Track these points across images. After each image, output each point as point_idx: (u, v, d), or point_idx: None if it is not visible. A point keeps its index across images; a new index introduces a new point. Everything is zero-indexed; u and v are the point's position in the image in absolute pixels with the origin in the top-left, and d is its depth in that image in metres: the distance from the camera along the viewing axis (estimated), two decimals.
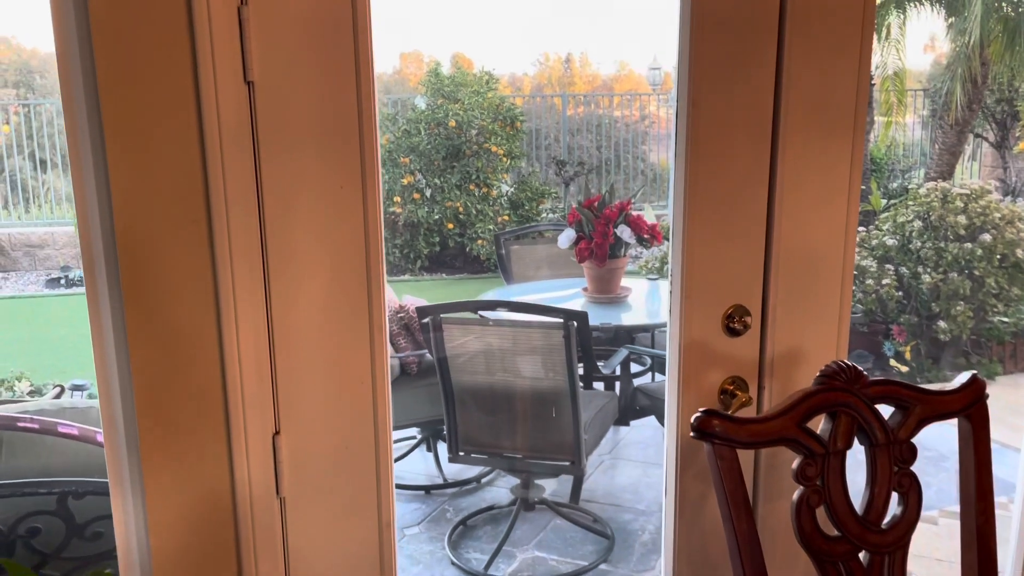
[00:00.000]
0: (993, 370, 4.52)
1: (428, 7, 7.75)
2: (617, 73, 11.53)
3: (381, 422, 1.42)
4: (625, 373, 3.28)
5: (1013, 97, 6.87)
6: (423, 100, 7.51)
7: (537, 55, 11.36)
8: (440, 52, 9.59)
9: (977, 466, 1.28)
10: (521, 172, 8.14)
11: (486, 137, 7.38)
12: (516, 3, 7.35)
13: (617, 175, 8.87)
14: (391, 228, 7.20)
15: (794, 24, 1.44)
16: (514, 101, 8.20)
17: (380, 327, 1.39)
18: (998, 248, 4.43)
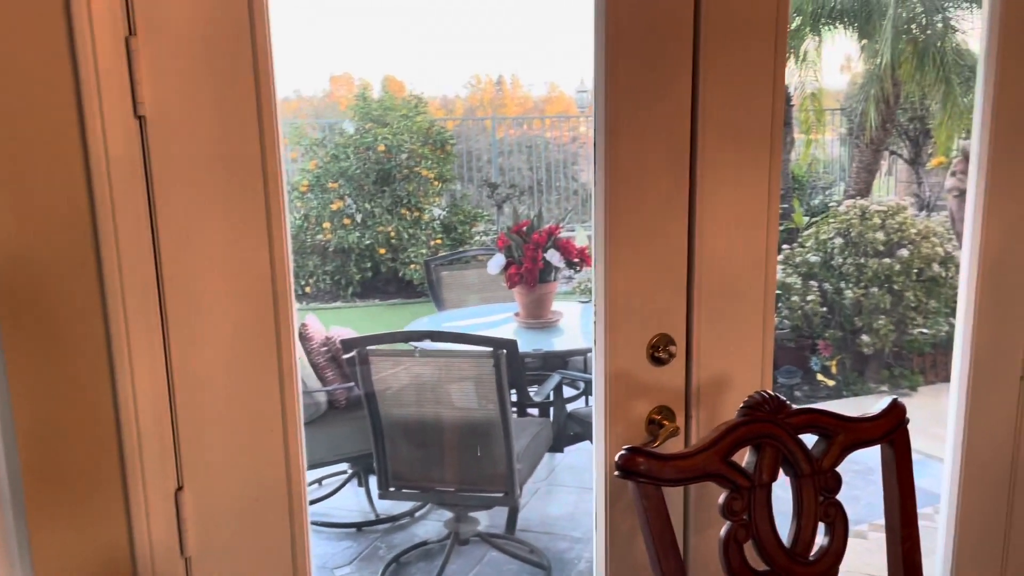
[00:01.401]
0: (915, 381, 4.64)
1: (358, 29, 7.68)
2: (548, 95, 11.63)
3: (295, 472, 1.34)
4: (558, 399, 3.25)
5: (924, 115, 7.14)
6: (351, 124, 7.42)
7: (469, 77, 11.39)
8: (371, 75, 9.51)
9: (901, 492, 1.27)
10: (454, 195, 8.11)
11: (416, 161, 7.33)
12: (447, 25, 7.36)
13: (550, 196, 8.91)
14: (321, 255, 7.07)
15: (707, 53, 1.43)
16: (444, 124, 8.18)
17: (290, 370, 1.32)
18: (915, 263, 4.57)
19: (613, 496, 1.53)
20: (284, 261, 1.30)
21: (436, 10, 7.60)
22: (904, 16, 5.76)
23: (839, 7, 5.95)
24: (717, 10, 1.42)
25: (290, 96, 9.06)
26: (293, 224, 7.01)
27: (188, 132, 1.21)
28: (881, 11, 5.76)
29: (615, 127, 1.42)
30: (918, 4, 5.79)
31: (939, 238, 4.70)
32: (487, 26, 7.70)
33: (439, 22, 7.36)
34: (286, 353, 1.32)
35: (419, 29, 7.52)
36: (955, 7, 5.79)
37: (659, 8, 1.40)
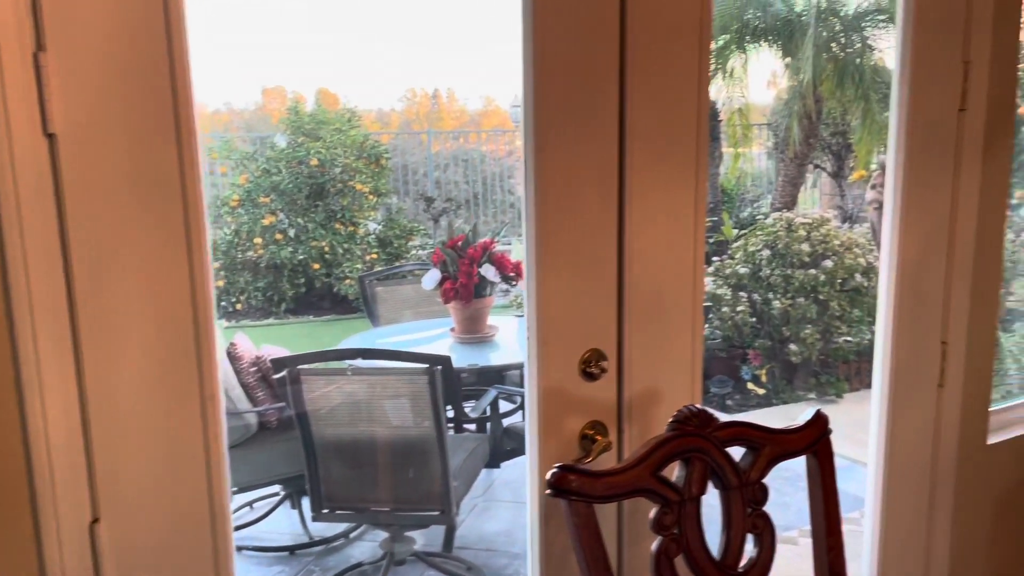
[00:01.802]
0: (841, 388, 4.79)
1: (292, 42, 7.57)
2: (484, 108, 11.66)
3: (218, 499, 1.30)
4: (495, 414, 3.24)
5: (846, 130, 7.39)
6: (283, 138, 7.31)
7: (404, 91, 11.34)
8: (304, 88, 9.37)
9: (825, 501, 1.30)
10: (389, 209, 8.05)
11: (351, 175, 7.25)
12: (381, 38, 7.31)
13: (486, 209, 8.92)
14: (252, 271, 6.92)
15: (634, 70, 1.45)
16: (379, 138, 8.12)
17: (213, 394, 1.28)
18: (839, 273, 4.72)
19: (547, 513, 1.53)
20: (205, 280, 1.26)
21: (371, 23, 7.55)
22: (825, 35, 5.98)
23: (763, 26, 6.14)
24: (643, 29, 1.45)
25: (220, 109, 8.87)
26: (223, 240, 6.84)
27: (102, 149, 1.16)
28: (802, 30, 5.96)
29: (544, 143, 1.43)
30: (837, 23, 6.02)
31: (861, 249, 4.86)
32: (423, 39, 7.67)
33: (374, 35, 7.31)
34: (208, 376, 1.27)
35: (354, 42, 7.46)
36: (872, 27, 6.04)
37: (586, 26, 1.41)
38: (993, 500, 2.14)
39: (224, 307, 6.93)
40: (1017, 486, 2.17)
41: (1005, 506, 2.16)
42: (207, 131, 8.58)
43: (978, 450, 2.07)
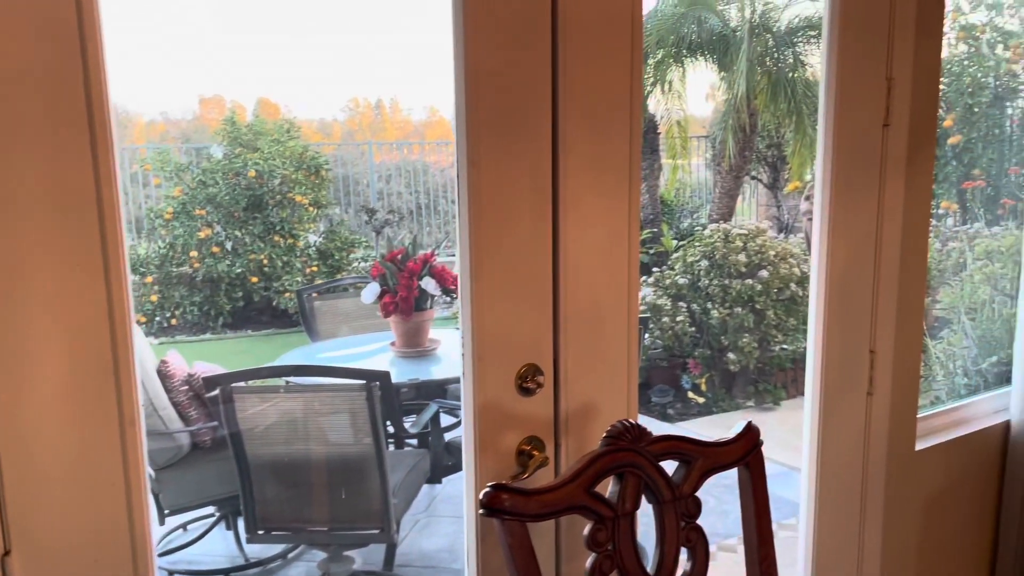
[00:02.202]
0: (778, 396, 4.88)
1: (230, 49, 7.43)
2: (428, 119, 11.61)
3: (139, 528, 1.25)
4: (436, 428, 3.20)
5: (780, 143, 7.58)
6: (220, 149, 7.16)
7: (347, 100, 11.22)
8: (244, 97, 9.18)
9: (757, 513, 1.31)
10: (331, 221, 7.94)
11: (290, 187, 7.14)
12: (323, 47, 7.21)
13: (430, 220, 8.88)
14: (188, 285, 6.75)
15: (567, 84, 1.45)
16: (320, 149, 8.02)
17: (132, 419, 1.23)
18: (775, 283, 4.82)
19: (484, 530, 1.51)
20: (123, 298, 1.21)
21: (314, 31, 7.45)
22: (758, 50, 6.12)
23: (699, 40, 6.27)
24: (575, 43, 1.45)
25: (156, 119, 8.65)
26: (157, 253, 6.67)
27: (9, 170, 1.11)
28: (737, 45, 6.10)
29: (476, 158, 1.42)
30: (770, 39, 6.17)
31: (796, 259, 4.98)
32: (367, 49, 7.60)
33: (316, 43, 7.21)
34: (127, 400, 1.22)
35: (295, 50, 7.34)
36: (804, 42, 6.21)
37: (518, 40, 1.41)
38: (922, 504, 2.19)
39: (159, 322, 6.74)
40: (944, 490, 2.23)
41: (933, 510, 2.22)
42: (142, 141, 8.35)
43: (907, 456, 2.12)
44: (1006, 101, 4.04)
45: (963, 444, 2.25)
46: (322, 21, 7.27)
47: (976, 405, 2.39)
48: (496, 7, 1.38)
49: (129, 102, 7.99)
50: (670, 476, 1.28)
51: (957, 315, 3.50)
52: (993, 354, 3.19)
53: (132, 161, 7.37)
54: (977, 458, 2.30)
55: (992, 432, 2.31)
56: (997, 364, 3.07)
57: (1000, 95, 4.02)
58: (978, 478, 2.32)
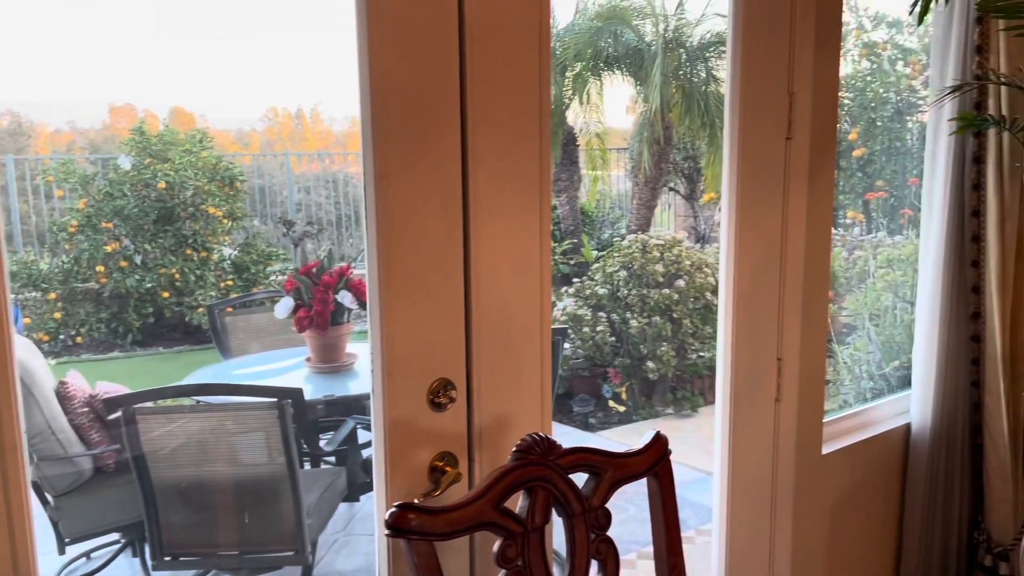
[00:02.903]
0: (696, 403, 4.98)
1: (143, 56, 7.15)
2: (350, 129, 11.45)
3: (24, 567, 1.17)
4: (353, 445, 3.14)
5: (696, 154, 7.77)
6: (128, 160, 6.89)
7: (266, 110, 10.96)
8: (157, 106, 8.87)
9: (666, 523, 1.32)
10: (248, 233, 7.74)
11: (203, 198, 6.92)
12: (241, 54, 7.02)
13: (352, 232, 8.75)
14: (95, 301, 6.47)
15: (475, 96, 1.45)
16: (233, 160, 7.81)
17: (14, 447, 1.15)
18: (691, 292, 4.93)
19: (395, 551, 1.48)
20: (4, 331, 1.13)
21: (231, 38, 7.26)
22: (672, 64, 6.27)
23: (615, 54, 6.37)
24: (483, 54, 1.44)
25: (62, 128, 8.29)
26: (60, 269, 6.37)
27: None
28: (651, 59, 6.23)
29: (385, 171, 1.40)
30: (684, 53, 6.33)
31: (711, 268, 5.09)
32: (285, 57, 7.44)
33: (234, 50, 7.02)
34: (7, 424, 1.15)
35: (212, 57, 7.14)
36: (715, 57, 6.39)
37: (425, 52, 1.39)
38: (829, 507, 2.26)
39: (63, 340, 6.44)
40: (850, 492, 2.31)
41: (840, 512, 2.28)
42: (46, 152, 7.99)
43: (814, 460, 2.18)
44: (906, 115, 4.23)
45: (867, 447, 2.33)
46: (240, 27, 7.09)
47: (879, 409, 2.48)
48: (402, 19, 1.36)
49: (32, 111, 7.62)
50: (580, 488, 1.28)
51: (862, 321, 3.64)
52: (895, 358, 3.33)
53: (34, 172, 7.03)
54: (880, 460, 2.39)
55: (894, 435, 2.40)
56: (899, 368, 3.20)
57: (901, 109, 4.21)
58: (882, 479, 2.41)
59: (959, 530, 2.43)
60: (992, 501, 2.37)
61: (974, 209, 2.27)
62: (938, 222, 2.30)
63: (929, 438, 2.35)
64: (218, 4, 5.37)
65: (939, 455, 2.36)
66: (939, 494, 2.39)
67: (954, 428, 2.36)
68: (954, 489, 2.40)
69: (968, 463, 2.42)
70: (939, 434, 2.35)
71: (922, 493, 2.38)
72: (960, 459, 2.39)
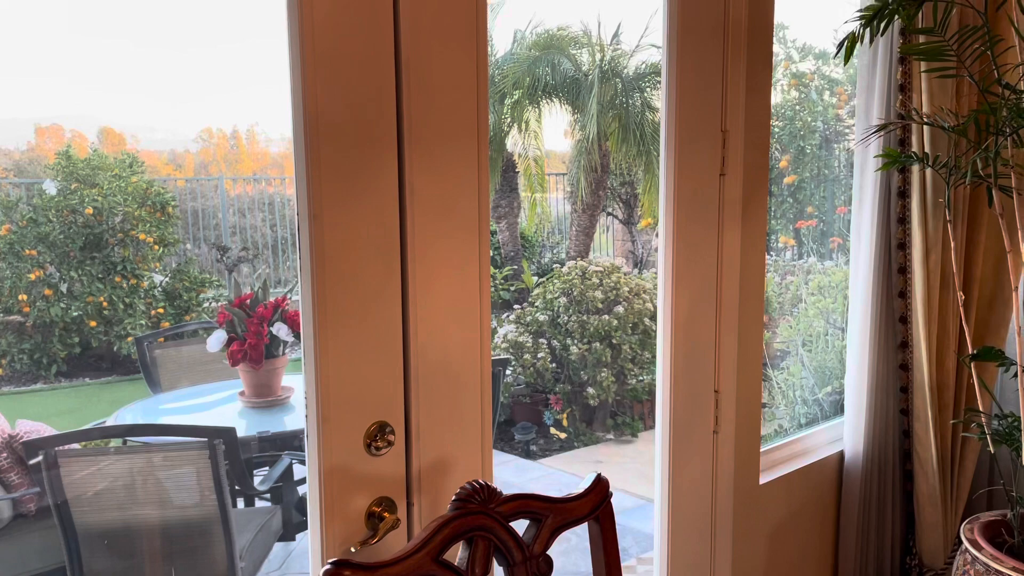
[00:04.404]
0: (636, 428, 5.01)
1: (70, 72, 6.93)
2: (288, 151, 11.27)
3: None
4: (288, 482, 3.05)
5: (633, 180, 7.89)
6: (53, 185, 6.65)
7: (200, 131, 10.73)
8: (86, 126, 8.58)
9: (608, 566, 1.31)
10: (180, 259, 7.52)
11: (132, 224, 6.71)
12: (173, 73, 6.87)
13: (292, 255, 8.59)
14: (16, 332, 6.19)
15: (412, 131, 1.43)
16: (166, 184, 7.60)
17: None
18: (630, 318, 4.97)
19: None
20: None
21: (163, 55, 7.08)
22: (608, 94, 6.37)
23: (552, 83, 6.45)
24: (418, 87, 1.43)
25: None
26: None
27: None
28: (588, 88, 6.32)
29: (319, 211, 1.37)
30: (620, 83, 6.43)
31: (648, 294, 5.15)
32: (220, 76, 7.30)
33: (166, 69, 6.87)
34: None
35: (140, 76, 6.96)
36: (651, 87, 6.52)
37: (360, 89, 1.37)
38: (767, 535, 2.28)
39: None
40: (787, 520, 2.34)
41: (777, 539, 2.31)
42: None
43: (752, 490, 2.20)
44: (833, 143, 4.37)
45: (803, 475, 2.37)
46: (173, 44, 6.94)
47: (814, 436, 2.52)
48: (336, 56, 1.34)
49: None
50: (520, 536, 1.26)
51: (795, 347, 3.71)
52: (828, 384, 3.40)
53: None
54: (816, 488, 2.43)
55: (828, 463, 2.45)
56: (832, 394, 3.28)
57: (828, 137, 4.35)
58: (817, 506, 2.45)
59: (892, 555, 2.48)
60: (923, 526, 2.43)
61: (900, 242, 2.34)
62: (866, 254, 2.37)
63: (862, 465, 2.40)
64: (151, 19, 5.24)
65: (871, 482, 2.42)
66: (872, 520, 2.44)
67: (885, 455, 2.42)
68: (886, 515, 2.46)
69: (899, 489, 2.48)
70: (871, 461, 2.40)
71: (856, 519, 2.43)
72: (892, 485, 2.45)
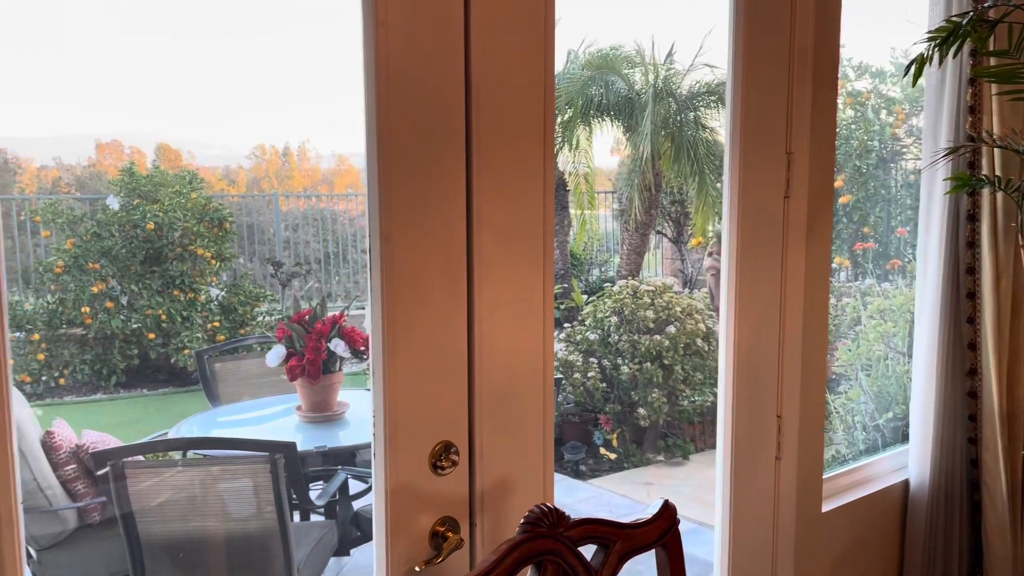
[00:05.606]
0: (687, 450, 4.95)
1: (130, 91, 7.14)
2: (337, 167, 11.48)
3: None
4: (344, 498, 3.09)
5: (683, 199, 7.83)
6: (116, 201, 6.86)
7: (253, 147, 10.98)
8: (144, 142, 8.84)
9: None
10: (235, 274, 7.69)
11: (191, 239, 6.89)
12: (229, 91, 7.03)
13: (340, 270, 8.71)
14: (79, 343, 6.39)
15: (480, 155, 1.45)
16: (222, 200, 7.79)
17: (11, 521, 1.11)
18: (682, 339, 4.93)
19: None
20: (2, 386, 1.10)
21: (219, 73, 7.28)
22: (662, 113, 6.35)
23: (605, 102, 6.46)
24: (488, 113, 1.45)
25: (48, 164, 8.27)
26: (45, 309, 6.30)
27: None
28: (641, 108, 6.32)
29: (390, 233, 1.39)
30: (673, 102, 6.42)
31: (701, 315, 5.10)
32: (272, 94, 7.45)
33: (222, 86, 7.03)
34: (3, 496, 1.11)
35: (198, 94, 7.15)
36: (704, 106, 6.49)
37: (431, 112, 1.40)
38: (829, 563, 2.23)
39: (45, 382, 6.34)
40: (849, 550, 2.28)
41: (839, 569, 2.26)
42: (32, 188, 7.95)
43: (814, 518, 2.16)
44: (890, 163, 4.30)
45: (866, 504, 2.31)
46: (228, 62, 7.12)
47: (877, 464, 2.47)
48: (411, 79, 1.36)
49: (18, 146, 7.60)
50: (588, 561, 1.25)
51: (854, 371, 3.64)
52: (888, 410, 3.33)
53: (20, 210, 6.99)
54: (880, 517, 2.37)
55: (893, 491, 2.39)
56: (893, 420, 3.20)
57: (885, 157, 4.28)
58: (881, 536, 2.39)
59: None
60: (991, 559, 2.36)
61: (969, 266, 2.29)
62: (934, 278, 2.32)
63: (928, 495, 2.34)
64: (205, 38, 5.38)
65: (938, 512, 2.35)
66: (938, 552, 2.37)
67: (952, 485, 2.35)
68: (953, 547, 2.39)
69: (967, 520, 2.41)
70: (937, 491, 2.34)
71: (921, 550, 2.36)
72: (959, 516, 2.38)
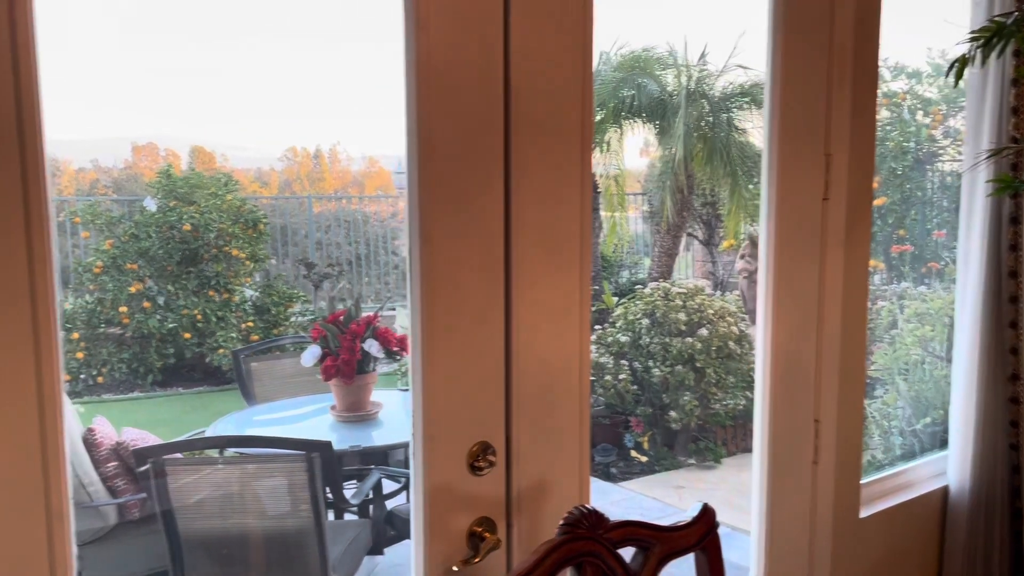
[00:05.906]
0: (719, 453, 4.91)
1: (165, 94, 7.27)
2: (367, 169, 11.58)
3: None
4: (378, 497, 3.11)
5: (715, 201, 7.78)
6: (153, 202, 6.98)
7: (285, 149, 11.10)
8: (178, 144, 8.99)
9: None
10: (268, 275, 7.78)
11: (226, 240, 6.99)
12: (261, 94, 7.13)
13: (370, 271, 8.78)
14: (117, 341, 6.51)
15: (518, 158, 1.46)
16: (257, 202, 7.90)
17: (61, 514, 1.14)
18: (714, 341, 4.89)
19: None
20: (55, 399, 1.12)
21: (251, 78, 7.37)
22: (695, 115, 6.32)
23: (637, 104, 6.44)
24: (526, 116, 1.46)
25: (86, 167, 8.43)
26: (84, 309, 6.43)
27: None
28: (674, 109, 6.29)
29: (429, 234, 1.40)
30: (706, 104, 6.38)
31: (733, 317, 5.07)
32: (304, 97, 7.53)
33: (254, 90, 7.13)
34: (55, 489, 1.14)
35: (230, 97, 7.24)
36: (738, 108, 6.44)
37: (471, 116, 1.41)
38: (867, 569, 2.21)
39: (84, 380, 6.48)
40: (887, 556, 2.26)
41: (878, 575, 2.23)
42: (71, 190, 8.11)
43: (851, 523, 2.14)
44: (926, 165, 4.24)
45: (905, 510, 2.28)
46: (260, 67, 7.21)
47: (916, 470, 2.43)
48: (450, 85, 1.38)
49: (56, 148, 7.77)
50: (628, 563, 1.25)
51: (891, 376, 3.59)
52: (926, 415, 3.27)
53: (59, 211, 7.14)
54: (918, 523, 2.34)
55: (932, 497, 2.36)
56: (931, 425, 3.15)
57: (921, 159, 4.22)
58: (920, 543, 2.35)
59: None
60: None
61: (1011, 270, 2.25)
62: (975, 281, 2.28)
63: (968, 502, 2.31)
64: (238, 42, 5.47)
65: (978, 519, 2.31)
66: (978, 560, 2.33)
67: (993, 491, 2.32)
68: (993, 555, 2.34)
69: (1008, 528, 2.36)
70: (978, 497, 2.30)
71: (961, 558, 2.33)
72: (1000, 524, 2.34)
